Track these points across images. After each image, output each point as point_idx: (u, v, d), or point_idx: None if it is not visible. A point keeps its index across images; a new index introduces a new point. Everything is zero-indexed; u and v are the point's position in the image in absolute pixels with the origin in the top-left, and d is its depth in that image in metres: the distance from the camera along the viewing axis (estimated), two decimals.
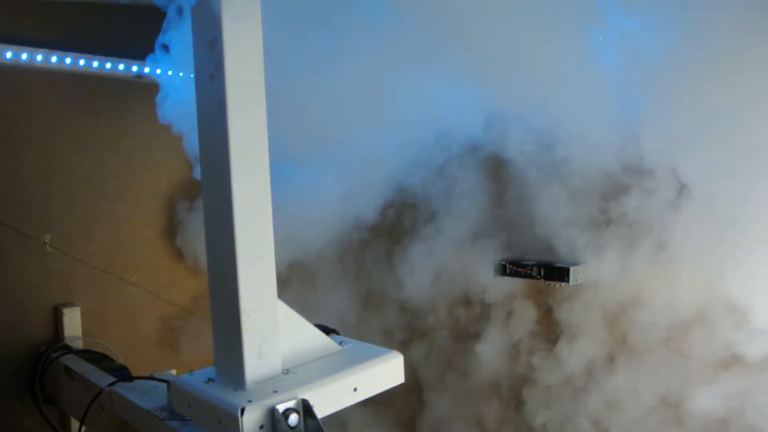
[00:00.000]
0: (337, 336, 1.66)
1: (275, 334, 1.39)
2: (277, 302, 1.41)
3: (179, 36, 2.24)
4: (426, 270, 2.76)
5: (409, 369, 1.67)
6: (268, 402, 1.27)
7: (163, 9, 2.10)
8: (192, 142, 2.38)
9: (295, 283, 2.92)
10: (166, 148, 2.67)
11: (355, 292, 3.07)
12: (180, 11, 2.09)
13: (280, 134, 1.53)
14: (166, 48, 2.33)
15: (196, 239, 2.68)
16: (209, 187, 1.38)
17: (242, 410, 1.23)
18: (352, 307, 3.06)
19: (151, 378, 1.78)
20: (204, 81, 1.33)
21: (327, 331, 1.66)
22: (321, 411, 1.35)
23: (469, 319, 2.82)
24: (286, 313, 1.44)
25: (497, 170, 2.62)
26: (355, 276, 3.08)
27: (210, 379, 1.41)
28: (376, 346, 1.59)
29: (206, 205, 1.40)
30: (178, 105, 2.39)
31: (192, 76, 1.43)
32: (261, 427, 1.25)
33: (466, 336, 2.83)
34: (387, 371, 1.52)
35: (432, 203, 2.77)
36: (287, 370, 1.41)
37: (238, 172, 1.29)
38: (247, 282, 1.33)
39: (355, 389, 1.43)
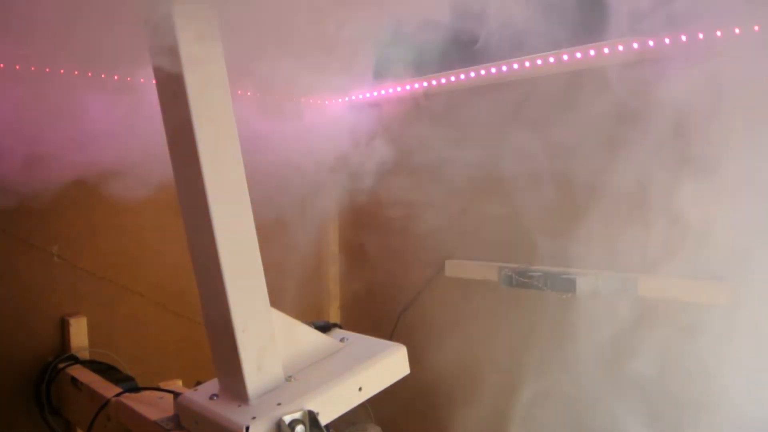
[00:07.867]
0: (339, 331, 1.63)
1: (273, 345, 1.36)
2: (271, 311, 1.38)
3: None
4: None
5: None
6: (273, 416, 1.25)
7: None
8: None
9: None
10: None
11: None
12: None
13: None
14: None
15: None
16: (187, 205, 1.33)
17: (247, 429, 1.22)
18: None
19: (158, 389, 1.77)
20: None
21: (328, 326, 1.64)
22: (327, 416, 1.33)
23: None
24: (281, 320, 1.41)
25: None
26: None
27: (214, 395, 1.39)
28: (379, 339, 1.57)
29: (187, 223, 1.36)
30: None
31: None
32: None
33: None
34: (391, 365, 1.49)
35: None
36: (290, 377, 1.39)
37: (213, 187, 1.25)
38: (236, 297, 1.29)
39: (360, 389, 1.41)
